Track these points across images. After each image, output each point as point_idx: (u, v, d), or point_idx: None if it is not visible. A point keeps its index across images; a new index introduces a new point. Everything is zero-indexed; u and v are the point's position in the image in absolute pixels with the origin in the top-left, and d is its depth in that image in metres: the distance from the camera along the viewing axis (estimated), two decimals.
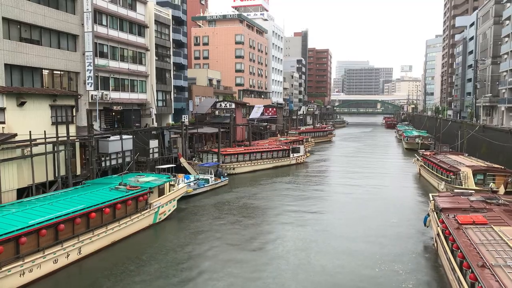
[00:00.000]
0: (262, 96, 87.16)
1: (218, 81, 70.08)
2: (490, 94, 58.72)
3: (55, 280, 16.65)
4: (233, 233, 22.74)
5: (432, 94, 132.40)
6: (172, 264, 18.36)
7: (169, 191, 25.52)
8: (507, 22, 54.10)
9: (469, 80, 73.86)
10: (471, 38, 75.38)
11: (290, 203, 30.26)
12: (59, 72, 31.11)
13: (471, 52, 75.35)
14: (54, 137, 23.58)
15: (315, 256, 19.41)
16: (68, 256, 17.69)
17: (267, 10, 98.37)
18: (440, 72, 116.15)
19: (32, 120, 22.98)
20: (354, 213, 27.13)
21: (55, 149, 23.84)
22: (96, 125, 33.98)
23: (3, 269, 14.86)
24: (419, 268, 17.91)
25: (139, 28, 41.89)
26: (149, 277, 16.88)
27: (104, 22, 36.88)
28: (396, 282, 16.65)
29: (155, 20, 44.21)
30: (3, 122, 21.78)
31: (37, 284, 16.08)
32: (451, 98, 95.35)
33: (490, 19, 60.85)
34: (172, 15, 48.84)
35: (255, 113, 66.04)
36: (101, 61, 36.11)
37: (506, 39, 54.48)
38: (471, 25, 75.67)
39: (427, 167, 38.65)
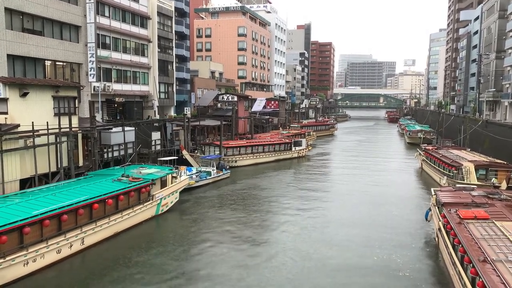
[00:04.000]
0: (265, 89, 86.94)
1: (221, 74, 69.87)
2: (494, 89, 58.39)
3: (58, 270, 16.78)
4: (234, 225, 22.84)
5: (435, 88, 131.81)
6: (174, 254, 18.48)
7: (172, 183, 25.61)
8: None
9: (473, 74, 73.44)
10: (476, 32, 74.79)
11: (291, 195, 30.33)
12: (61, 63, 31.07)
13: (475, 47, 74.81)
14: (57, 128, 23.62)
15: (315, 246, 19.54)
16: (71, 246, 17.81)
17: (270, 3, 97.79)
18: (444, 67, 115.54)
19: (34, 111, 23.00)
20: (355, 207, 27.18)
21: (58, 140, 23.88)
22: (98, 117, 33.98)
23: (7, 258, 14.98)
24: (420, 262, 17.99)
25: (141, 19, 41.70)
26: (151, 267, 17.01)
27: (106, 13, 36.71)
28: (393, 271, 16.87)
29: (157, 12, 43.99)
30: (6, 113, 21.82)
31: (40, 274, 16.22)
32: (454, 93, 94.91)
33: (495, 13, 60.30)
34: (175, 7, 48.59)
35: (257, 106, 65.95)
36: (103, 53, 36.02)
37: (511, 33, 54.05)
38: (476, 19, 75.03)
39: (429, 162, 38.60)
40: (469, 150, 39.53)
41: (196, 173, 33.27)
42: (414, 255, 18.67)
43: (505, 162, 31.15)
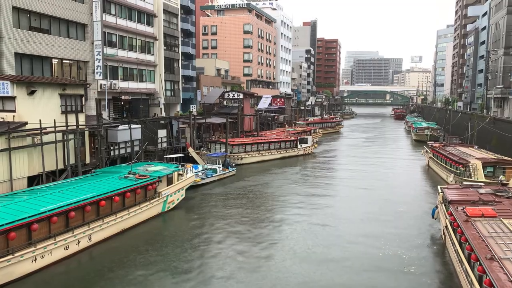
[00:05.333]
0: (270, 87, 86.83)
1: (226, 71, 69.90)
2: (502, 86, 57.79)
3: (66, 266, 16.96)
4: (240, 222, 22.90)
5: (442, 85, 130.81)
6: (180, 252, 18.57)
7: (178, 181, 25.71)
8: None
9: (480, 71, 72.74)
10: (483, 28, 74.03)
11: (297, 193, 30.32)
12: (68, 61, 31.27)
13: (483, 43, 74.07)
14: (64, 126, 23.79)
15: (321, 243, 19.54)
16: (78, 243, 17.98)
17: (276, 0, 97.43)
18: (451, 63, 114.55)
19: (42, 109, 23.18)
20: (361, 204, 27.10)
21: (65, 138, 24.07)
22: (105, 114, 34.17)
23: (16, 254, 15.16)
24: (426, 259, 17.92)
25: (147, 17, 41.81)
26: (157, 264, 17.12)
27: (112, 11, 36.86)
28: (398, 267, 16.90)
29: (163, 9, 44.05)
30: (14, 111, 22.02)
31: (48, 270, 16.39)
32: (461, 90, 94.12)
33: (503, 8, 59.60)
34: (181, 4, 48.63)
35: (263, 104, 65.89)
36: (109, 51, 36.19)
37: None
38: (484, 15, 74.24)
39: (436, 159, 38.36)
40: (476, 147, 39.21)
41: (202, 170, 33.36)
42: (420, 253, 18.61)
43: None
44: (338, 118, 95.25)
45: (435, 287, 15.59)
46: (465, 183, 24.64)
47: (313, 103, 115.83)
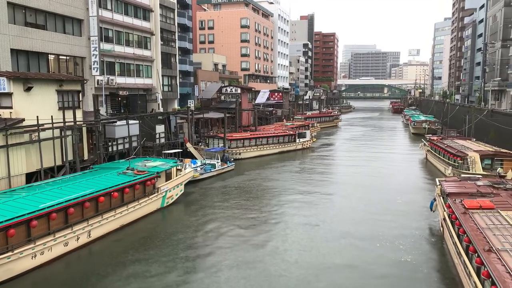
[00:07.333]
0: (268, 81, 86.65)
1: (224, 66, 69.66)
2: (499, 78, 57.84)
3: (65, 263, 16.98)
4: (239, 217, 22.95)
5: (440, 78, 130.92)
6: (179, 247, 18.61)
7: (176, 176, 25.72)
8: None
9: (478, 64, 72.77)
10: (481, 21, 73.94)
11: (296, 187, 30.38)
12: (65, 57, 31.10)
13: (480, 35, 74.01)
14: (61, 122, 23.72)
15: (320, 235, 19.63)
16: (78, 239, 17.99)
17: None
18: (449, 56, 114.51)
19: (39, 105, 23.09)
20: (359, 198, 27.17)
21: (63, 134, 24.01)
22: (102, 110, 34.07)
23: (16, 251, 15.16)
24: (424, 251, 18.01)
25: (144, 12, 41.54)
26: (157, 259, 17.15)
27: (109, 6, 36.59)
28: (396, 258, 17.01)
29: (160, 4, 43.78)
30: (11, 107, 21.94)
31: (48, 267, 16.41)
32: (459, 82, 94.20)
33: (500, 1, 59.48)
34: None
35: (261, 98, 65.80)
36: (106, 46, 35.98)
37: None
38: (481, 7, 74.12)
39: (434, 152, 38.46)
40: (474, 140, 39.31)
41: (201, 165, 33.35)
42: (418, 244, 18.71)
43: (511, 152, 30.96)
44: (336, 112, 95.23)
45: (433, 278, 15.68)
46: (463, 175, 24.72)
47: (311, 97, 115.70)
